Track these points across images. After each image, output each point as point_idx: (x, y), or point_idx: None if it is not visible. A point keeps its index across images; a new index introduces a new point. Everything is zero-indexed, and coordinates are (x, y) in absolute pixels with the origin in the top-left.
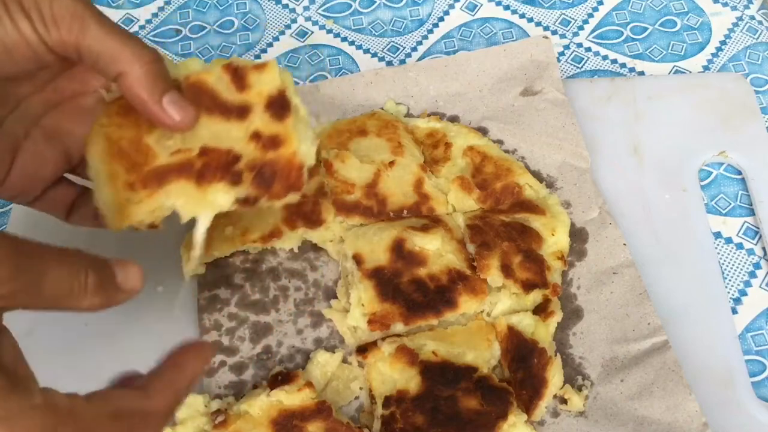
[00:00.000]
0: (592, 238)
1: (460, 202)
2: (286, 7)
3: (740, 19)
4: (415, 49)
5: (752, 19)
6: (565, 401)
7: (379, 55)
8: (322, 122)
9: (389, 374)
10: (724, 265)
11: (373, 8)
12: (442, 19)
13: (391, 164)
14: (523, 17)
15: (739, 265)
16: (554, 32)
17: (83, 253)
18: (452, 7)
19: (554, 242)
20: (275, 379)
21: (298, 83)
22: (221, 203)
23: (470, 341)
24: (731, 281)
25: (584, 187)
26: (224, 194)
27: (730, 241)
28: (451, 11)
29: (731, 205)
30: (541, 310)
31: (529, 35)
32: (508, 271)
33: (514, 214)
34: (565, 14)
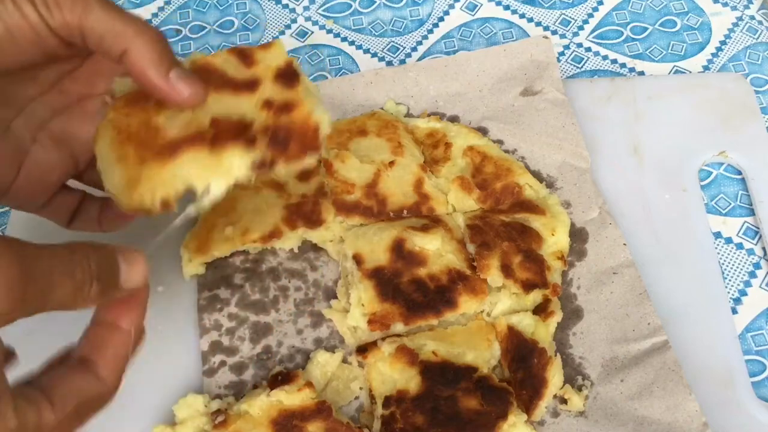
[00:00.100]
0: (592, 238)
1: (460, 202)
2: (286, 7)
3: (740, 19)
4: (415, 49)
5: (752, 19)
6: (565, 401)
7: (379, 55)
8: None
9: (389, 374)
10: (724, 265)
11: (373, 8)
12: (442, 19)
13: (391, 164)
14: (523, 17)
15: (739, 265)
16: (554, 32)
17: (90, 250)
18: (452, 7)
19: (554, 242)
20: (275, 379)
21: None
22: (236, 168)
23: (470, 341)
24: (731, 281)
25: (584, 187)
26: (239, 159)
27: (730, 241)
28: (451, 11)
29: (731, 205)
30: (541, 310)
31: (529, 35)
32: (508, 271)
33: (514, 214)
34: (565, 14)
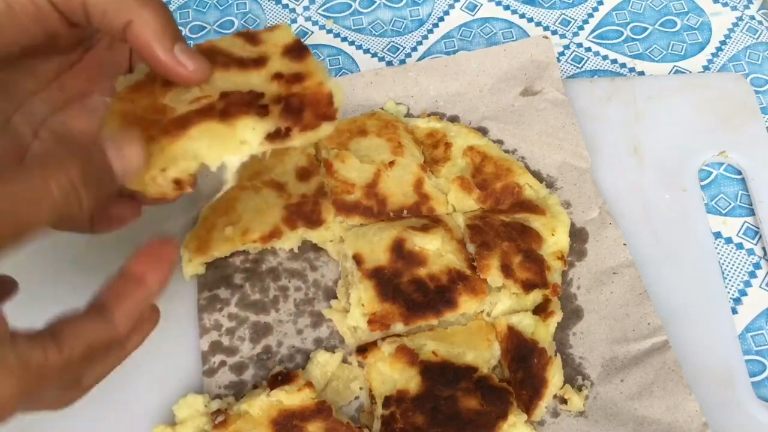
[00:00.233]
0: (592, 238)
1: (460, 202)
2: (286, 7)
3: (740, 19)
4: (415, 49)
5: (752, 19)
6: (565, 401)
7: (379, 55)
8: None
9: (389, 374)
10: (724, 265)
11: (373, 8)
12: (442, 19)
13: (391, 164)
14: (523, 17)
15: (739, 265)
16: (554, 32)
17: (64, 156)
18: (452, 7)
19: (554, 242)
20: (275, 379)
21: None
22: (250, 139)
23: (470, 341)
24: (731, 281)
25: (584, 187)
26: (252, 129)
27: (730, 241)
28: (451, 11)
29: (731, 205)
30: (541, 310)
31: (529, 35)
32: (508, 271)
33: (514, 214)
34: (565, 14)
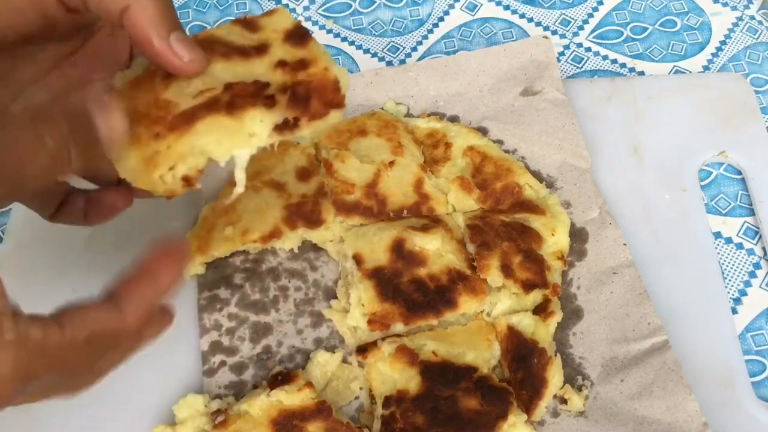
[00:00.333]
0: (592, 238)
1: (460, 202)
2: (286, 7)
3: (740, 19)
4: (415, 49)
5: (752, 19)
6: (565, 401)
7: (379, 55)
8: None
9: (389, 374)
10: (724, 265)
11: (373, 8)
12: (442, 19)
13: (391, 164)
14: (523, 17)
15: (739, 265)
16: (554, 32)
17: (56, 114)
18: (452, 7)
19: (554, 242)
20: (275, 379)
21: None
22: (258, 132)
23: (470, 341)
24: (731, 281)
25: (584, 187)
26: (260, 121)
27: (730, 241)
28: (451, 11)
29: (731, 205)
30: (541, 310)
31: (529, 35)
32: (508, 271)
33: (514, 214)
34: (565, 14)
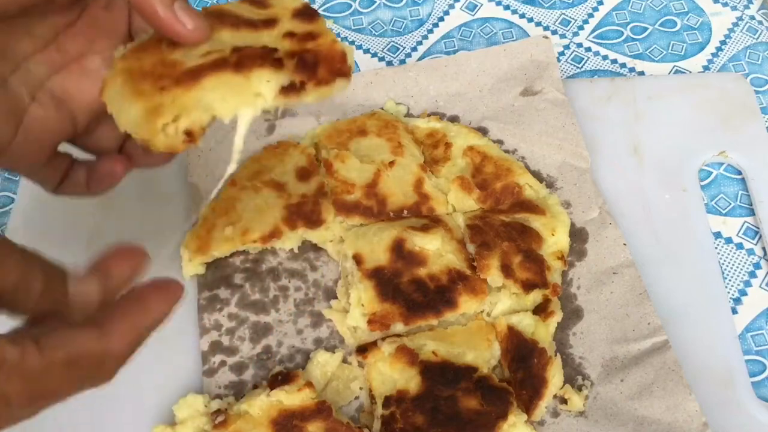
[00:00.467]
0: (592, 238)
1: (460, 202)
2: None
3: (740, 19)
4: (415, 49)
5: (752, 19)
6: (565, 401)
7: (379, 55)
8: (322, 122)
9: (389, 374)
10: (724, 265)
11: (373, 8)
12: (442, 19)
13: (391, 164)
14: (523, 17)
15: (739, 265)
16: (554, 32)
17: (38, 260)
18: (452, 7)
19: (554, 242)
20: (275, 379)
21: None
22: (264, 92)
23: (470, 341)
24: (731, 281)
25: (584, 187)
26: (267, 81)
27: (730, 241)
28: (451, 11)
29: (731, 205)
30: (541, 310)
31: (529, 35)
32: (508, 271)
33: (514, 214)
34: (565, 14)
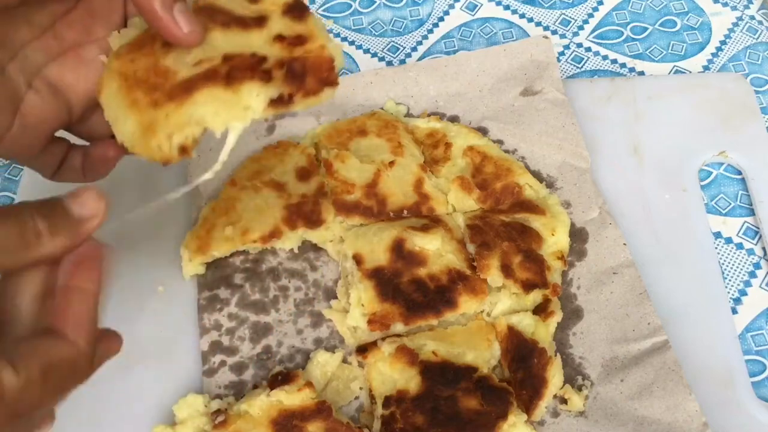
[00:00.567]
0: (592, 238)
1: (460, 202)
2: None
3: (740, 19)
4: (415, 49)
5: (752, 19)
6: (565, 401)
7: (379, 55)
8: (322, 122)
9: (389, 374)
10: (724, 265)
11: (373, 8)
12: (442, 19)
13: (391, 164)
14: (523, 17)
15: (739, 265)
16: (554, 32)
17: (27, 202)
18: (452, 7)
19: (554, 242)
20: (275, 379)
21: None
22: (254, 106)
23: (470, 341)
24: (731, 281)
25: (584, 187)
26: (256, 95)
27: (730, 241)
28: (451, 11)
29: (731, 205)
30: (541, 310)
31: (529, 35)
32: (508, 271)
33: (514, 214)
34: (565, 14)
